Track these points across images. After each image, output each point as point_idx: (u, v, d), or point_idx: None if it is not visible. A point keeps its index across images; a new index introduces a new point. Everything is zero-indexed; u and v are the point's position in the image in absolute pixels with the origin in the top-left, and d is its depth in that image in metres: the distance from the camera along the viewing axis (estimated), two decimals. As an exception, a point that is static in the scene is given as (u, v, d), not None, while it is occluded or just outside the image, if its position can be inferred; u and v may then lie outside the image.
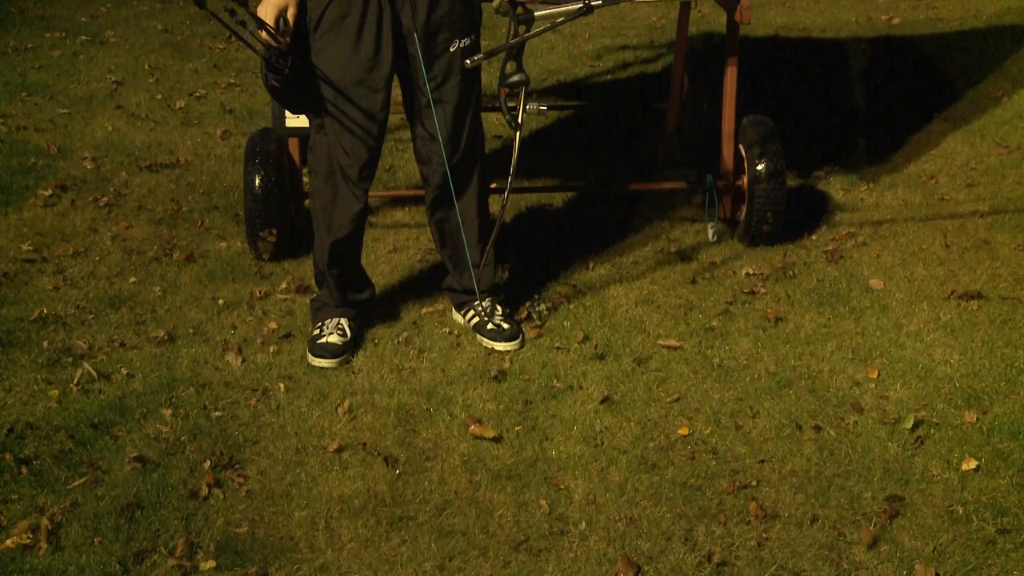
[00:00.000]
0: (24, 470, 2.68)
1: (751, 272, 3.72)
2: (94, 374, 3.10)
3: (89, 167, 4.60)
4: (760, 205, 3.77)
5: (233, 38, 2.83)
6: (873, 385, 3.07)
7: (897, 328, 3.37)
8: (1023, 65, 5.59)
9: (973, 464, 2.70)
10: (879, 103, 5.28)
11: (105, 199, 4.31)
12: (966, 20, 6.40)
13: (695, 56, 5.55)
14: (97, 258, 3.85)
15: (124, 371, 3.13)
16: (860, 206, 4.24)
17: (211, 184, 4.47)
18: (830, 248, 3.88)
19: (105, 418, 2.90)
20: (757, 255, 3.86)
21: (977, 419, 2.89)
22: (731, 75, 3.82)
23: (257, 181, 3.66)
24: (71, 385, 3.05)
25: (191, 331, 3.37)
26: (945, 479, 2.66)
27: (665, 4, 5.91)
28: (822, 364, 3.18)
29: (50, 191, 4.34)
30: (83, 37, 6.24)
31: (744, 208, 3.88)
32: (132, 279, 3.70)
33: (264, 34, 2.91)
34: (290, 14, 2.97)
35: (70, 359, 3.19)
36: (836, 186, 4.40)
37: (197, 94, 5.47)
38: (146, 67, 5.81)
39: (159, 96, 5.43)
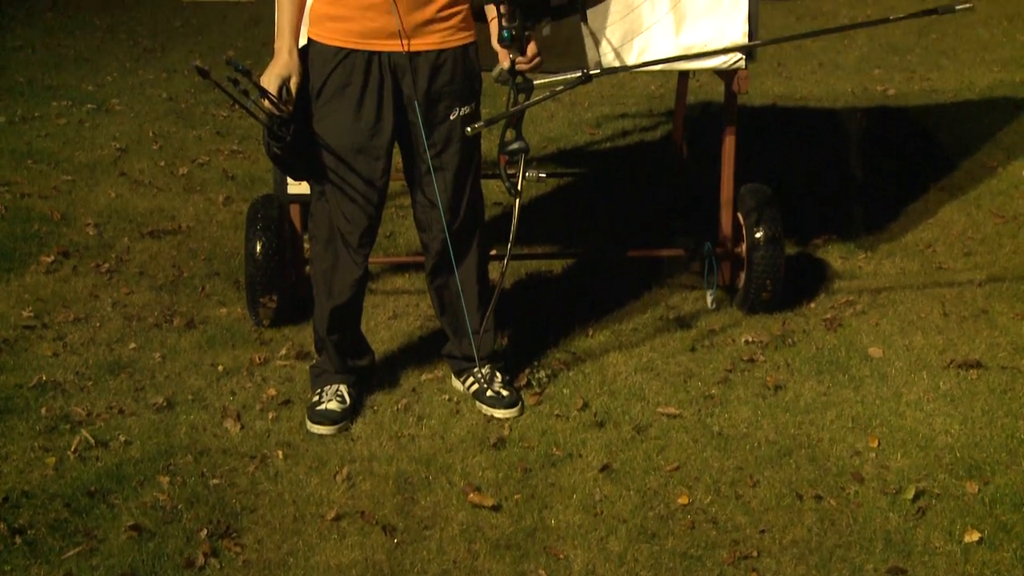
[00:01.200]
0: (18, 540, 2.65)
1: (750, 340, 3.73)
2: (92, 441, 3.09)
3: (91, 233, 4.63)
4: (759, 273, 3.79)
5: (236, 106, 2.87)
6: (873, 454, 3.05)
7: (897, 397, 3.36)
8: (1016, 136, 5.65)
9: (976, 536, 2.68)
10: (876, 172, 5.32)
11: (107, 265, 4.32)
12: (960, 92, 6.48)
13: (694, 125, 5.60)
14: (97, 324, 3.85)
15: (122, 438, 3.12)
16: (858, 274, 4.25)
17: (212, 250, 4.49)
18: (829, 316, 3.89)
19: (102, 486, 2.88)
20: (756, 323, 3.86)
21: (979, 490, 2.87)
22: (729, 143, 3.86)
23: (258, 247, 3.68)
24: (68, 452, 3.04)
25: (190, 397, 3.37)
26: (948, 551, 2.63)
27: (664, 73, 5.99)
28: (822, 433, 3.17)
29: (52, 257, 4.36)
30: (89, 105, 6.31)
31: (743, 275, 3.89)
32: (132, 345, 3.70)
33: (267, 103, 2.95)
34: (293, 83, 3.01)
35: (68, 426, 3.18)
36: (834, 254, 4.42)
37: (200, 161, 5.51)
38: (150, 134, 5.87)
39: (162, 163, 5.48)
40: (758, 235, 3.78)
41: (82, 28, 8.11)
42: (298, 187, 3.71)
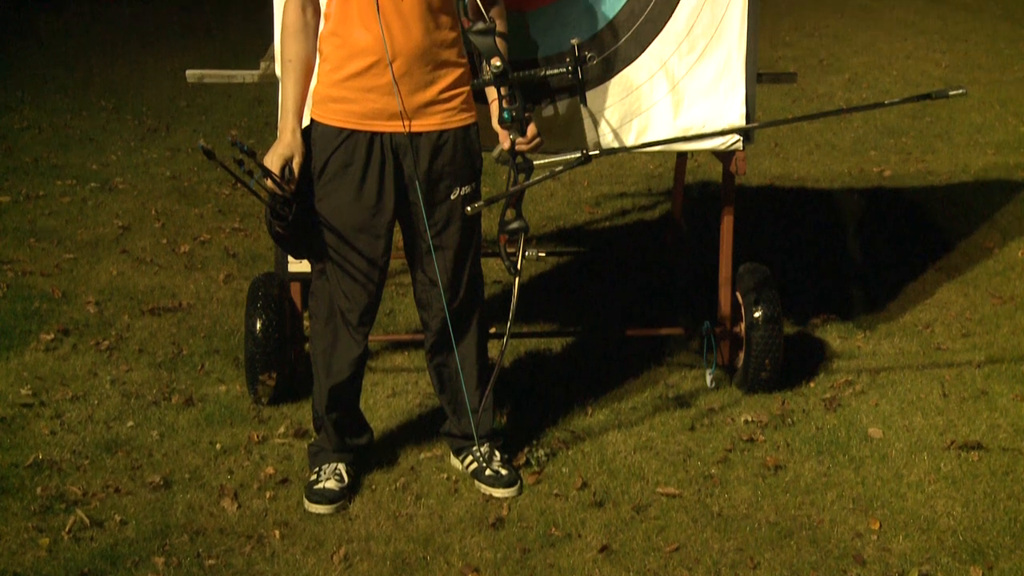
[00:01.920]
0: (11, 620, 2.63)
1: (750, 419, 3.72)
2: (86, 521, 3.06)
3: (92, 311, 4.64)
4: (758, 352, 3.79)
5: (239, 185, 2.91)
6: (875, 537, 3.03)
7: (898, 478, 3.34)
8: (1012, 218, 5.69)
9: (980, 620, 2.65)
10: (873, 252, 5.35)
11: (107, 343, 4.33)
12: (955, 174, 6.54)
13: (692, 204, 5.65)
14: (96, 402, 3.85)
15: (118, 518, 3.10)
16: (857, 354, 4.26)
17: (212, 328, 4.50)
18: (828, 396, 3.88)
19: (95, 567, 2.85)
20: (755, 402, 3.85)
21: (983, 574, 2.84)
22: (727, 223, 3.89)
23: (258, 325, 3.69)
24: (63, 533, 3.01)
25: (187, 476, 3.35)
26: (951, 634, 2.60)
27: (662, 154, 6.04)
28: (823, 514, 3.15)
29: (52, 335, 4.37)
30: (93, 184, 6.37)
31: (742, 355, 3.90)
32: (130, 423, 3.69)
33: (270, 182, 2.99)
34: (295, 163, 3.05)
35: (63, 506, 3.16)
36: (833, 334, 4.42)
37: (202, 239, 5.55)
38: (153, 212, 5.91)
39: (164, 241, 5.51)
40: (757, 314, 3.80)
41: (89, 109, 8.21)
42: (299, 265, 3.73)
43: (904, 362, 4.18)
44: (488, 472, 3.30)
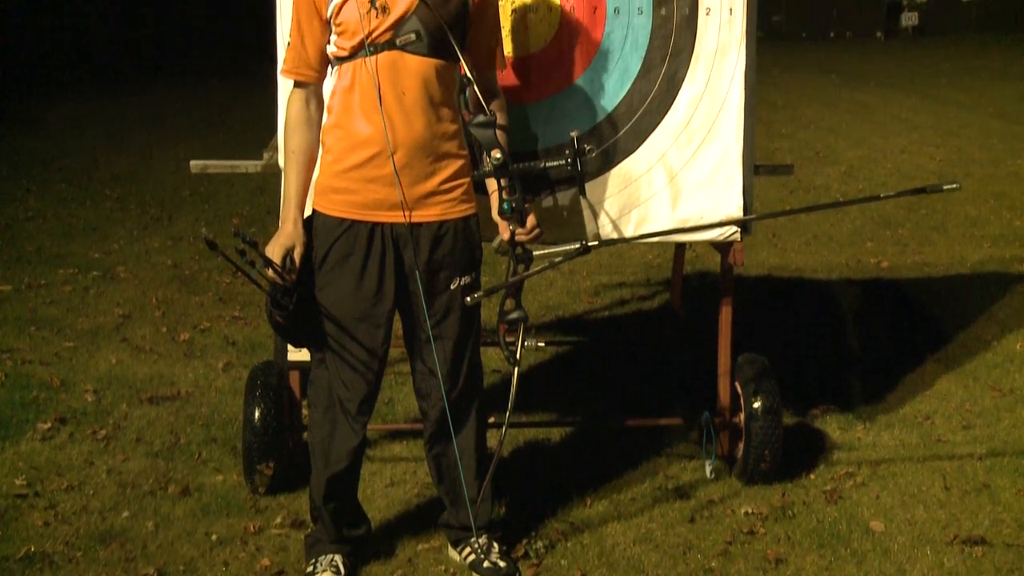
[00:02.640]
0: None
1: (750, 511, 3.69)
2: (79, 612, 3.02)
3: (90, 400, 4.63)
4: (757, 443, 3.78)
5: (240, 274, 2.94)
6: (879, 631, 2.98)
7: (900, 573, 3.31)
8: (1010, 311, 5.72)
9: None
10: (872, 343, 5.36)
11: (104, 432, 4.31)
12: (952, 266, 6.59)
13: (691, 294, 5.67)
14: (91, 492, 3.82)
15: (110, 609, 3.05)
16: (857, 445, 4.24)
17: (211, 416, 4.49)
18: (829, 488, 3.86)
19: (87, 659, 2.81)
20: (756, 493, 3.83)
21: (988, 669, 2.79)
22: (726, 314, 3.90)
23: (257, 414, 3.68)
24: (54, 624, 2.97)
25: (182, 568, 3.31)
26: None
27: (661, 244, 6.09)
28: (825, 608, 3.10)
29: (49, 424, 4.35)
30: (95, 273, 6.41)
31: (741, 446, 3.88)
32: (125, 513, 3.66)
33: (271, 272, 3.01)
34: (296, 253, 3.07)
35: (55, 596, 3.12)
36: (832, 425, 4.41)
37: (202, 327, 5.56)
38: (153, 301, 5.94)
39: (164, 329, 5.52)
40: (756, 405, 3.79)
41: (93, 199, 8.30)
42: (298, 354, 3.73)
43: (905, 454, 4.16)
44: (487, 564, 3.27)
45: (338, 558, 3.25)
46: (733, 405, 3.95)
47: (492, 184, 3.20)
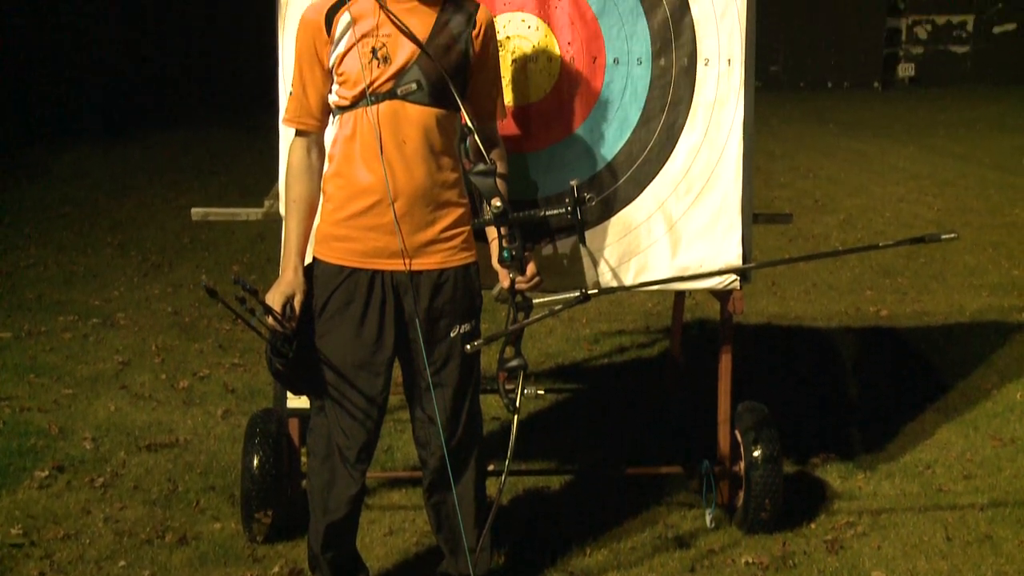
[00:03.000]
0: None
1: (751, 561, 3.66)
2: (74, 662, 2.99)
3: (88, 447, 4.62)
4: (758, 492, 3.76)
5: (240, 320, 2.94)
6: None
7: (903, 622, 3.28)
8: (1009, 360, 5.72)
9: None
10: (872, 392, 5.35)
11: (101, 479, 4.29)
12: (951, 315, 6.60)
13: (690, 342, 5.67)
14: (87, 541, 3.79)
15: (105, 659, 3.02)
16: (858, 495, 4.22)
17: (209, 464, 4.47)
18: (830, 537, 3.83)
19: None
20: (756, 543, 3.80)
21: None
22: (725, 362, 3.90)
23: (255, 462, 3.67)
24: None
25: (178, 617, 3.28)
26: None
27: (660, 292, 6.10)
28: (827, 660, 3.07)
29: (47, 472, 4.33)
30: (95, 320, 6.41)
31: (742, 494, 3.86)
32: (122, 563, 3.64)
33: (271, 319, 3.02)
34: (297, 301, 3.08)
35: (50, 647, 3.09)
36: (833, 474, 4.39)
37: (201, 374, 5.55)
38: (153, 348, 5.94)
39: (163, 376, 5.52)
40: (756, 454, 3.78)
41: (94, 246, 8.32)
42: (298, 401, 3.73)
43: (906, 504, 4.14)
44: (485, 614, 3.24)
45: (336, 608, 3.23)
46: (733, 454, 3.94)
47: (492, 232, 3.21)
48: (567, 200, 3.28)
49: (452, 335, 3.17)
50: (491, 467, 3.70)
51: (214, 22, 18.52)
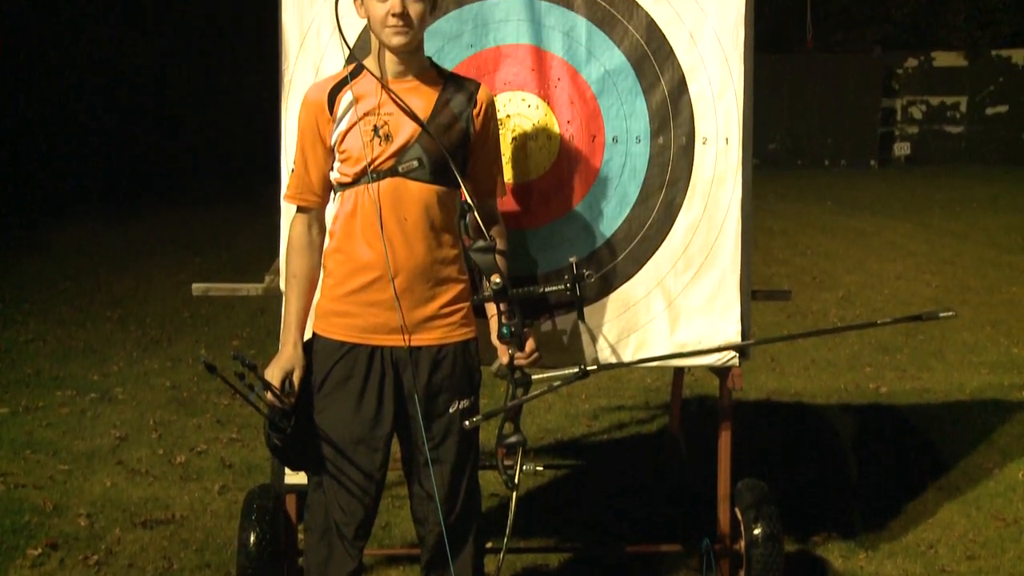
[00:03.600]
0: None
1: (753, 642, 3.61)
2: None
3: (83, 524, 4.57)
4: (758, 570, 3.72)
5: (238, 395, 2.94)
6: None
7: None
8: (1011, 439, 5.70)
9: None
10: (873, 470, 5.32)
11: (96, 557, 4.24)
12: (951, 392, 6.59)
13: (690, 418, 5.65)
14: (81, 617, 3.74)
15: None
16: (860, 574, 4.17)
17: (205, 541, 4.42)
18: (833, 618, 3.79)
19: None
20: (758, 624, 3.75)
21: None
22: (725, 439, 3.89)
23: (252, 539, 3.63)
24: None
25: None
26: None
27: (659, 368, 6.09)
28: None
29: (40, 550, 4.29)
30: (92, 395, 6.40)
31: (742, 573, 3.82)
32: (114, 640, 3.58)
33: (269, 395, 3.01)
34: (296, 376, 3.08)
35: None
36: (834, 552, 4.35)
37: (198, 449, 5.53)
38: (151, 423, 5.92)
39: (160, 451, 5.49)
40: (756, 532, 3.75)
41: (93, 320, 8.34)
42: (295, 477, 3.70)
43: (909, 583, 4.09)
44: None
45: None
46: (733, 531, 3.90)
47: (492, 308, 3.22)
48: (566, 276, 3.30)
49: (451, 411, 3.16)
50: (490, 544, 3.66)
51: (216, 98, 18.77)
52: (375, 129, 3.04)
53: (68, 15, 16.84)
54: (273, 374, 3.05)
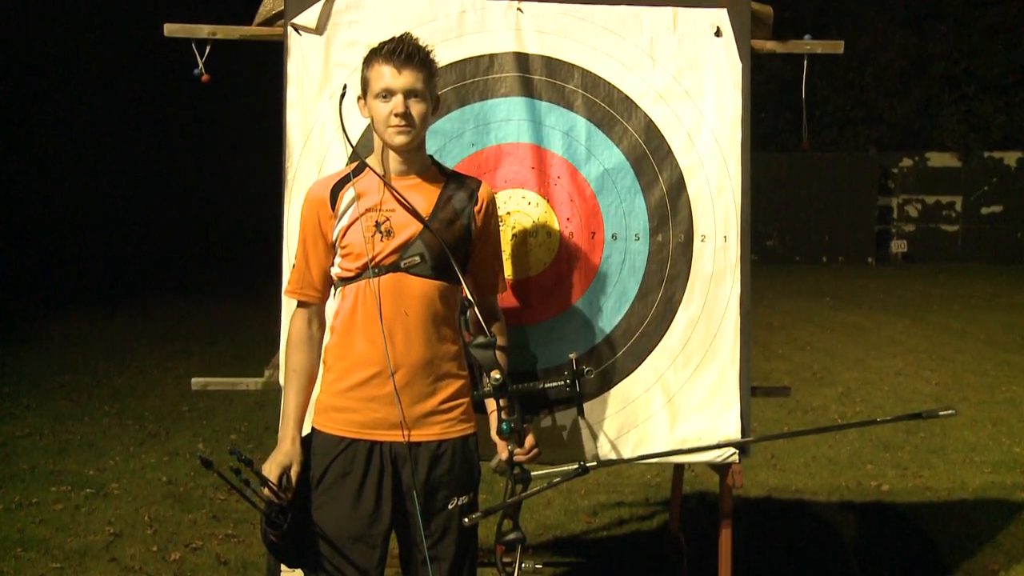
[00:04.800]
0: None
1: None
2: None
3: (74, 621, 4.49)
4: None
5: (235, 491, 2.91)
6: None
7: None
8: (1015, 540, 5.63)
9: None
10: (875, 570, 5.25)
11: (86, 656, 4.16)
12: (953, 491, 6.53)
13: (690, 515, 5.60)
14: None
15: None
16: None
17: (197, 641, 4.34)
18: None
19: None
20: None
21: None
22: (725, 536, 3.85)
23: (245, 638, 3.57)
24: None
25: None
26: None
27: (659, 464, 6.05)
28: None
29: (30, 648, 4.21)
30: (88, 490, 6.34)
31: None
32: None
33: (266, 491, 2.99)
34: (293, 471, 3.06)
35: None
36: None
37: (193, 546, 5.45)
38: (145, 518, 5.85)
39: (155, 548, 5.42)
40: (760, 633, 3.69)
41: (92, 414, 8.30)
42: (292, 574, 3.65)
43: None
44: None
45: None
46: (736, 633, 3.84)
47: (491, 404, 3.22)
48: (566, 373, 3.30)
49: (450, 507, 3.13)
50: (488, 645, 3.60)
51: (216, 193, 18.96)
52: (377, 225, 3.07)
53: (68, 103, 17.09)
54: (271, 469, 3.03)
